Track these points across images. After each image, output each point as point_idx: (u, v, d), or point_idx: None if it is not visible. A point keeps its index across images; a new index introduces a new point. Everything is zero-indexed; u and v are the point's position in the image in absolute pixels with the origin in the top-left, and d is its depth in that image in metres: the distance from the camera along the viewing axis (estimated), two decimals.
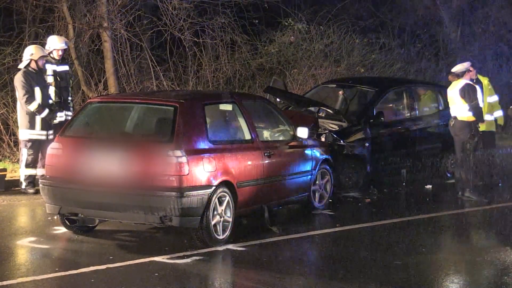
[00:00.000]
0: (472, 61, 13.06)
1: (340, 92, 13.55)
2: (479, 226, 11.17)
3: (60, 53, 12.20)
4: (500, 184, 13.18)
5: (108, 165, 8.78)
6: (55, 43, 12.16)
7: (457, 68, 12.42)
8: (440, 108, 13.96)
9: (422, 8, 20.68)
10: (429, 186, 13.30)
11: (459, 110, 12.23)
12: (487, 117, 12.91)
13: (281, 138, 10.59)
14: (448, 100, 12.55)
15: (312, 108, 13.02)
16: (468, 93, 12.10)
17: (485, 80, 13.19)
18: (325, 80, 16.56)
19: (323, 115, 12.86)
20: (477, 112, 12.13)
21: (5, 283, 7.49)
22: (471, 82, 12.29)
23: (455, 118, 12.31)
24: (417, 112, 13.78)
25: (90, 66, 15.84)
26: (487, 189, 12.78)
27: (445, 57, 19.92)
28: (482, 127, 12.70)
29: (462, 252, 9.58)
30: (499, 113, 13.22)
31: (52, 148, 9.21)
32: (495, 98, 13.21)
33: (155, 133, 9.25)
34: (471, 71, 12.35)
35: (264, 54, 18.09)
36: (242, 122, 9.88)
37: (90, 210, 8.99)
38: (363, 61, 18.74)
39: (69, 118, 11.65)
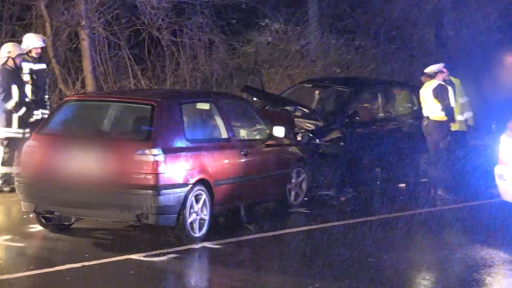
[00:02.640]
0: (446, 63, 13.13)
1: (316, 92, 13.55)
2: (451, 224, 11.21)
3: (39, 51, 12.12)
4: (471, 183, 13.24)
5: (85, 163, 8.72)
6: (34, 42, 12.04)
7: (430, 68, 12.52)
8: (414, 108, 14.00)
9: (397, 10, 20.76)
10: (403, 185, 13.34)
11: (432, 110, 12.32)
12: (459, 117, 13.00)
13: (257, 137, 10.58)
14: (421, 100, 12.63)
15: (288, 108, 13.03)
16: (440, 93, 12.20)
17: (457, 82, 13.26)
18: (302, 80, 16.56)
19: (300, 115, 12.88)
20: (449, 112, 12.24)
21: None
22: (443, 83, 12.38)
23: (427, 118, 12.41)
24: (391, 112, 13.83)
25: (68, 65, 15.73)
26: (460, 188, 12.84)
27: (419, 58, 19.99)
28: (454, 127, 12.79)
29: (434, 249, 9.64)
30: (469, 114, 13.32)
31: (28, 146, 9.13)
32: (465, 99, 13.29)
33: (132, 131, 9.22)
34: (443, 72, 12.45)
35: (242, 54, 18.06)
36: (219, 121, 9.86)
37: (66, 208, 8.92)
38: (339, 61, 18.77)
39: (46, 116, 11.56)
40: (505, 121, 10.43)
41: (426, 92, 12.39)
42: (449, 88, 12.41)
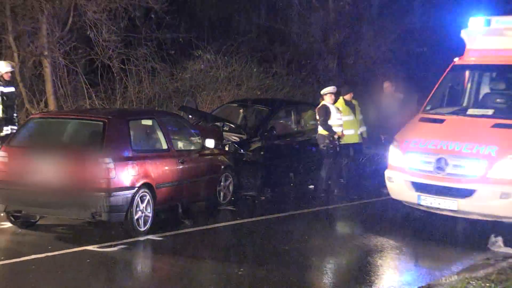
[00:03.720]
0: (351, 87, 13.55)
1: (241, 110, 13.67)
2: (350, 217, 11.43)
3: (10, 74, 11.90)
4: (366, 184, 13.53)
5: (47, 170, 8.64)
6: (4, 67, 11.84)
7: (323, 90, 12.71)
8: None
9: (306, 43, 21.09)
10: (311, 186, 13.51)
11: (318, 126, 12.58)
12: (357, 131, 13.29)
13: (192, 148, 10.61)
14: None
15: (218, 123, 13.09)
16: (319, 111, 12.43)
17: (356, 102, 13.54)
18: (229, 100, 16.65)
19: (227, 129, 12.95)
20: (325, 127, 12.37)
21: None
22: (327, 104, 12.45)
23: (316, 132, 12.69)
24: (301, 127, 14.01)
25: (33, 88, 15.44)
26: (356, 188, 13.09)
27: (324, 83, 20.31)
28: (353, 140, 13.05)
29: (337, 239, 9.82)
30: (363, 129, 13.61)
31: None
32: (361, 116, 13.57)
33: (87, 143, 9.15)
34: (332, 93, 12.57)
35: (179, 79, 18.02)
36: (160, 135, 9.86)
37: (32, 207, 8.84)
38: (259, 85, 18.90)
39: (14, 131, 11.33)
40: (392, 134, 10.69)
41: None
42: (331, 108, 12.56)
